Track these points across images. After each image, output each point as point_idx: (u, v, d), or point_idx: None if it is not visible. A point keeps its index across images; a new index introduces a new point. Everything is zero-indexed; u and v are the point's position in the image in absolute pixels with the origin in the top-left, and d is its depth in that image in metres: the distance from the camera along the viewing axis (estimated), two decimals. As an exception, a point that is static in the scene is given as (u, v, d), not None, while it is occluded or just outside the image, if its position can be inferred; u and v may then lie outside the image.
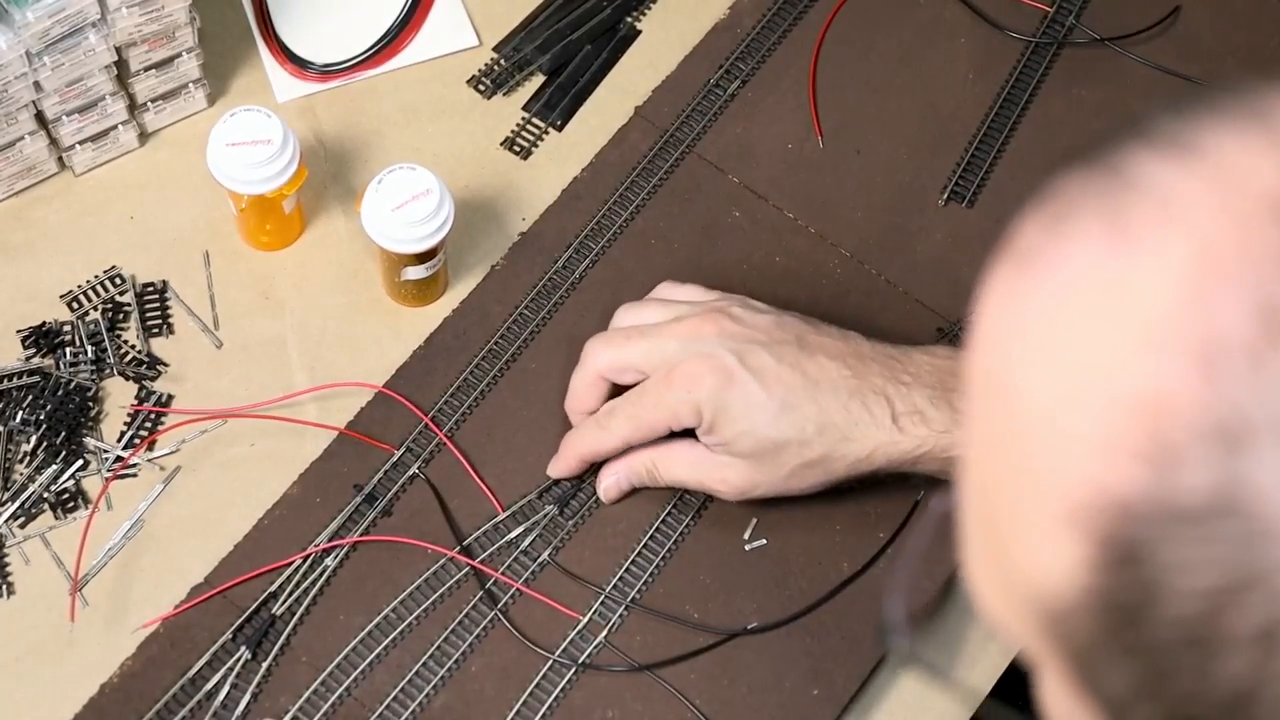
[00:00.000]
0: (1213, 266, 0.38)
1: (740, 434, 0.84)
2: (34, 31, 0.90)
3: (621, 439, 0.88)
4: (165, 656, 0.86)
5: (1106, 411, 0.39)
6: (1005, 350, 0.42)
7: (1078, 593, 0.40)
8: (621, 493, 0.90)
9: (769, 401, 0.84)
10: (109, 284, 0.97)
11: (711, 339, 0.85)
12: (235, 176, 0.92)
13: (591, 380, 0.89)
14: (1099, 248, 0.40)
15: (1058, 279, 0.41)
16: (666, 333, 0.87)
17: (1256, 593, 0.36)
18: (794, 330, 0.87)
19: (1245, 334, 0.37)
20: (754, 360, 0.84)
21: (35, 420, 0.92)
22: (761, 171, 1.03)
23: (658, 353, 0.86)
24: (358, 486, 0.91)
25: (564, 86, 1.06)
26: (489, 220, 1.01)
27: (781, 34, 1.08)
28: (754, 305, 0.89)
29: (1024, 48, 1.08)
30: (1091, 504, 0.39)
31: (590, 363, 0.89)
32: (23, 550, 0.90)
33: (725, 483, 0.87)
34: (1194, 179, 0.40)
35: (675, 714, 0.87)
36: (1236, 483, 0.37)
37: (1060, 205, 0.42)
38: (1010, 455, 0.42)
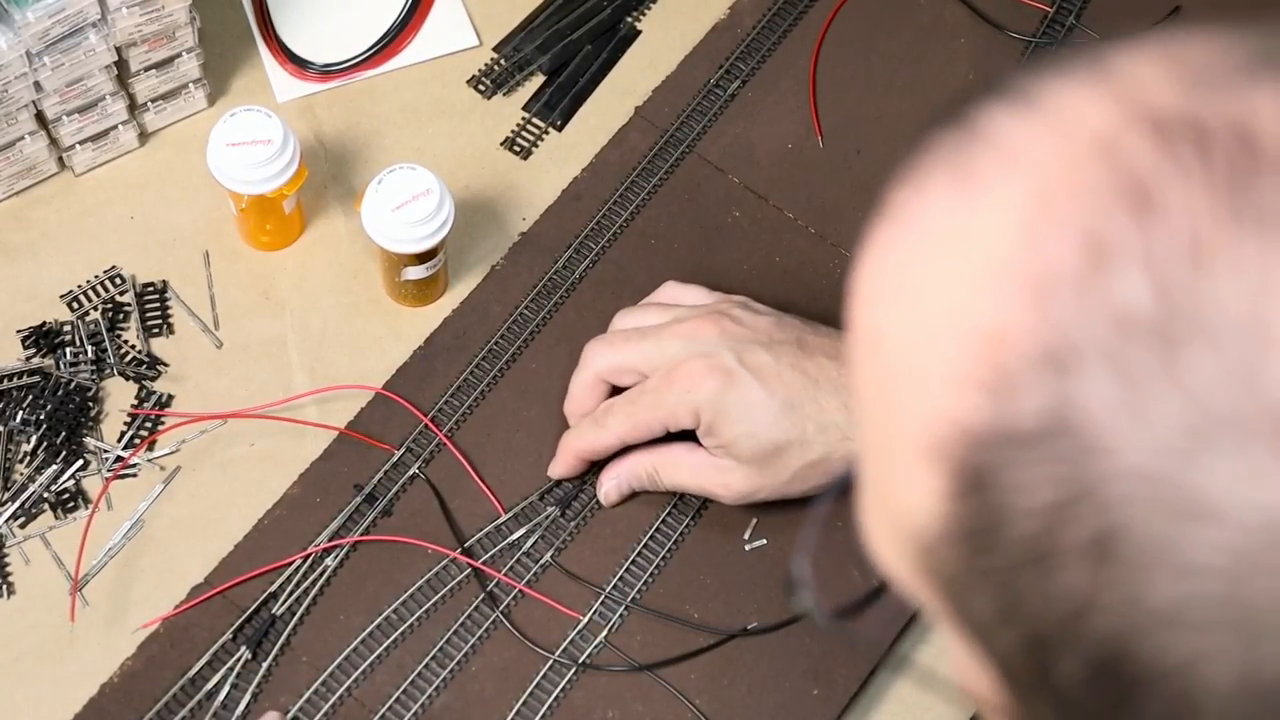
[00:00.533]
0: (1045, 206, 0.40)
1: (740, 435, 0.84)
2: (34, 31, 0.90)
3: (618, 437, 0.88)
4: (165, 656, 0.86)
5: (953, 348, 0.41)
6: (873, 302, 0.45)
7: (939, 523, 0.42)
8: (622, 496, 0.90)
9: (769, 401, 0.84)
10: (109, 284, 0.97)
11: (712, 339, 0.85)
12: (235, 176, 0.92)
13: (590, 382, 0.89)
14: (947, 196, 0.42)
15: (914, 230, 0.43)
16: (666, 334, 0.87)
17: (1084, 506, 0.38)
18: (794, 331, 0.87)
19: (1072, 265, 0.39)
20: (754, 360, 0.84)
21: (35, 420, 0.92)
22: (761, 171, 1.03)
23: (657, 354, 0.86)
24: (358, 486, 0.91)
25: (564, 86, 1.06)
26: (489, 220, 1.01)
27: (781, 34, 1.08)
28: (754, 307, 0.89)
29: (1024, 48, 1.08)
30: (943, 436, 0.41)
31: (589, 365, 0.89)
32: (23, 550, 0.90)
33: (727, 487, 0.87)
34: (1032, 126, 0.42)
35: (675, 714, 0.87)
36: (1066, 404, 0.39)
37: (923, 161, 0.45)
38: (882, 400, 0.44)
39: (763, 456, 0.85)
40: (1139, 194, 0.39)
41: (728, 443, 0.85)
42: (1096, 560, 0.38)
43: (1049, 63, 0.44)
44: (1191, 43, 0.43)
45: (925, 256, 0.43)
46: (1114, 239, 0.39)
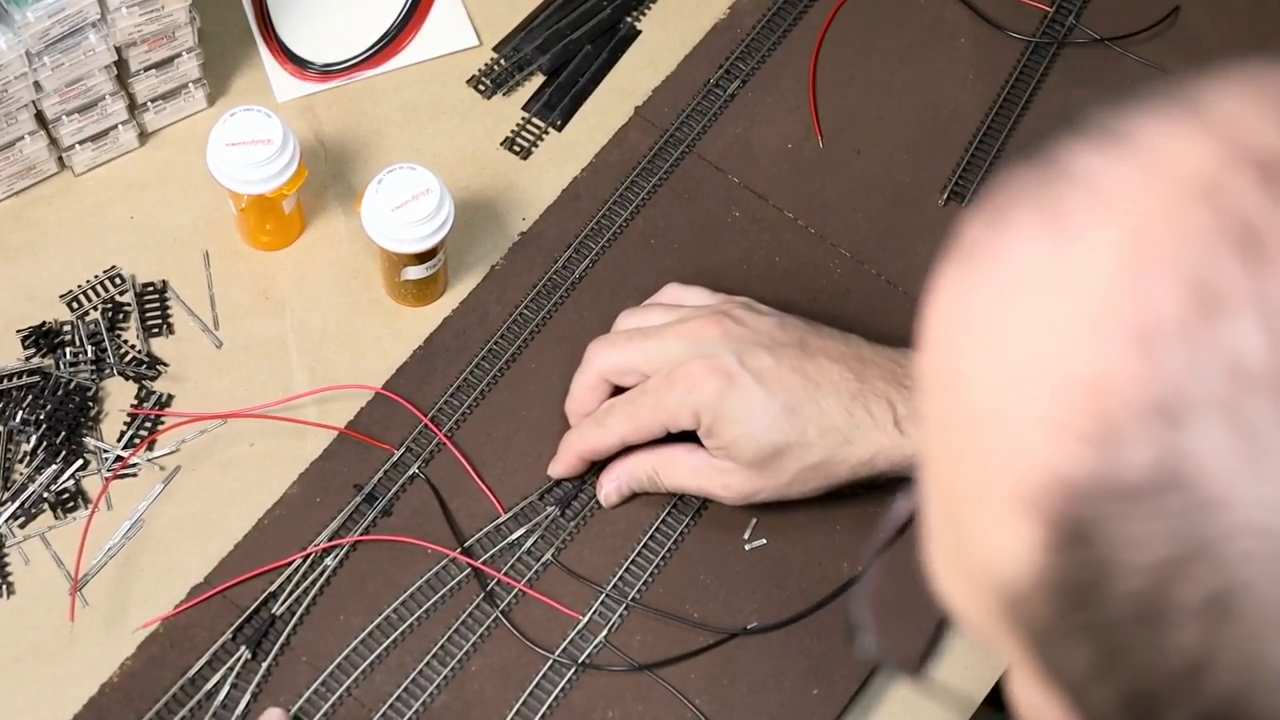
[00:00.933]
0: (1145, 249, 0.39)
1: (740, 437, 0.84)
2: (34, 31, 0.90)
3: (619, 437, 0.87)
4: (165, 656, 0.86)
5: (1050, 395, 0.40)
6: (953, 344, 0.43)
7: (1032, 575, 0.41)
8: (622, 497, 0.90)
9: (770, 403, 0.83)
10: (109, 284, 0.97)
11: (714, 340, 0.85)
12: (235, 176, 0.92)
13: (593, 382, 0.89)
14: (1036, 238, 0.41)
15: (999, 271, 0.42)
16: (668, 334, 0.87)
17: (1201, 563, 0.37)
18: (796, 333, 0.87)
19: (1179, 312, 0.38)
20: (755, 362, 0.84)
21: (35, 420, 0.92)
22: (761, 171, 1.03)
23: (659, 354, 0.86)
24: (358, 486, 0.91)
25: (564, 86, 1.06)
26: (489, 220, 1.01)
27: (781, 34, 1.08)
28: (757, 308, 0.88)
29: (1024, 48, 1.08)
30: (1040, 486, 0.40)
31: (592, 364, 0.89)
32: (23, 550, 0.90)
33: (727, 488, 0.86)
34: (1124, 166, 0.41)
35: (675, 714, 0.87)
36: (1177, 456, 0.37)
37: (1000, 200, 0.43)
38: (963, 445, 0.43)
39: (763, 458, 0.84)
40: (1248, 238, 0.38)
41: (728, 444, 0.85)
42: (1214, 618, 0.37)
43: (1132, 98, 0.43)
44: None
45: (1013, 299, 0.41)
46: (1223, 285, 0.38)
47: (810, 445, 0.84)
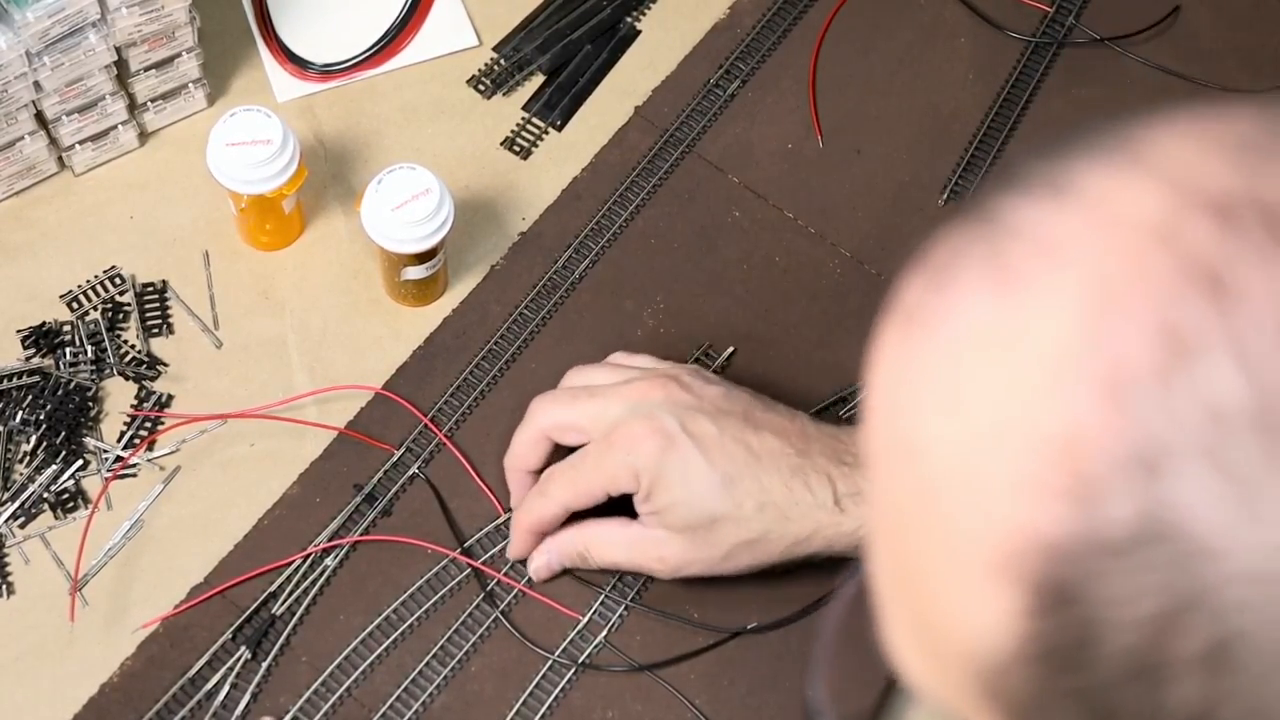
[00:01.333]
0: (1107, 299, 0.38)
1: (676, 503, 0.82)
2: (34, 31, 0.90)
3: (562, 505, 0.85)
4: (165, 656, 0.86)
5: (1021, 454, 0.38)
6: (903, 409, 0.42)
7: (1012, 643, 0.39)
8: (552, 573, 0.88)
9: (709, 471, 0.81)
10: (109, 284, 0.97)
11: (657, 403, 0.83)
12: (235, 176, 0.92)
13: (534, 438, 0.86)
14: (985, 295, 0.40)
15: (948, 331, 0.41)
16: (613, 395, 0.84)
17: (1197, 614, 0.36)
18: (742, 404, 0.84)
19: (1149, 359, 0.37)
20: (697, 428, 0.82)
21: (35, 420, 0.92)
22: (761, 171, 1.03)
23: (602, 414, 0.84)
24: (358, 486, 0.91)
25: (564, 86, 1.06)
26: (489, 220, 1.01)
27: (781, 34, 1.08)
28: (705, 375, 0.86)
29: (1024, 48, 1.08)
30: (1017, 549, 0.38)
31: (534, 419, 0.86)
32: (23, 550, 0.90)
33: (661, 560, 0.84)
34: (1071, 217, 0.40)
35: (675, 714, 0.87)
36: (1162, 506, 0.36)
37: (939, 259, 0.42)
38: (924, 515, 0.41)
39: (697, 527, 0.82)
40: (1211, 279, 0.37)
41: (663, 509, 0.82)
42: (1213, 670, 0.36)
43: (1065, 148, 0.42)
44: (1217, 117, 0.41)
45: (967, 359, 0.40)
46: (1192, 328, 0.37)
47: (747, 519, 0.81)
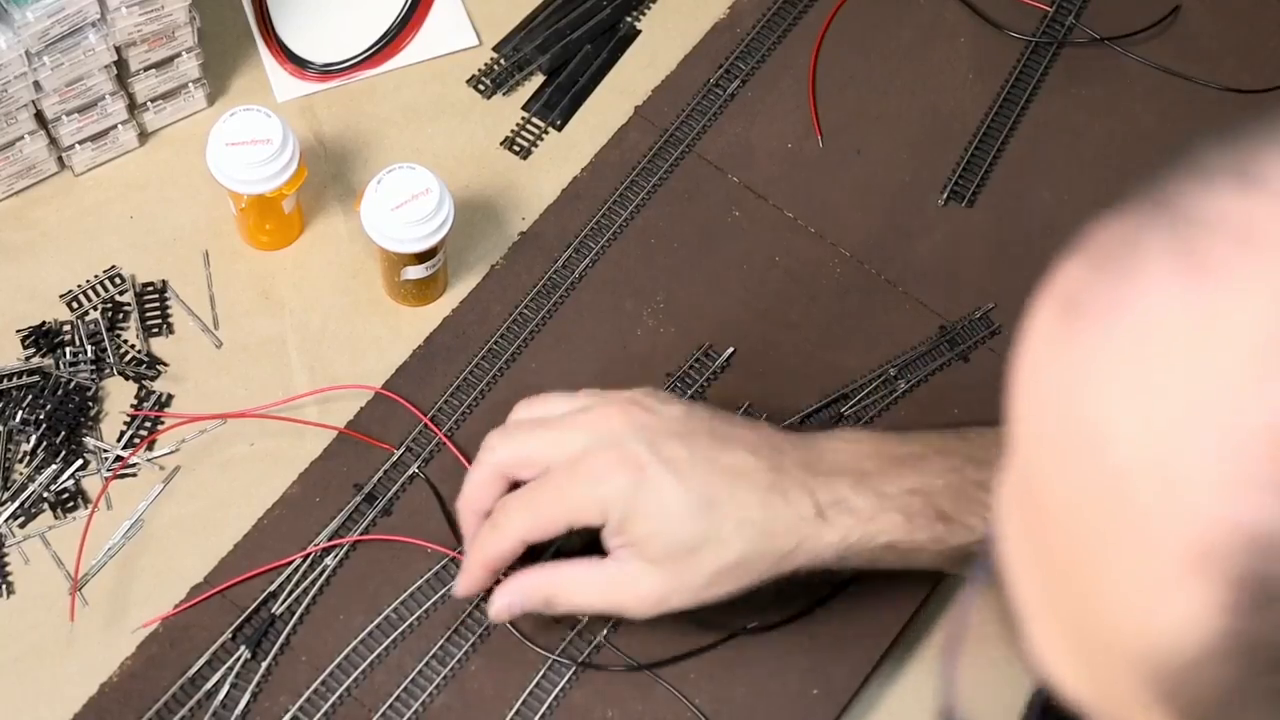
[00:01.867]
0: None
1: (653, 534, 0.78)
2: (34, 31, 0.90)
3: (518, 538, 0.80)
4: (165, 656, 0.86)
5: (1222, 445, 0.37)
6: (1080, 401, 0.41)
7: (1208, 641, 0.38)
8: (513, 615, 0.83)
9: (685, 498, 0.77)
10: (109, 284, 0.97)
11: (622, 429, 0.78)
12: (235, 176, 0.92)
13: (488, 477, 0.81)
14: (1175, 286, 0.39)
15: (1136, 322, 0.40)
16: (571, 424, 0.80)
17: None
18: (705, 421, 0.80)
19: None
20: (668, 452, 0.78)
21: (35, 420, 0.92)
22: (761, 171, 1.03)
23: (561, 445, 0.79)
24: (357, 486, 0.91)
25: (564, 86, 1.06)
26: (489, 220, 1.01)
27: (781, 34, 1.08)
28: (663, 395, 0.82)
29: (1024, 48, 1.08)
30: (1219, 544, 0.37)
31: (488, 457, 0.82)
32: (23, 550, 0.90)
33: (638, 597, 0.79)
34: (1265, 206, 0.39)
35: (675, 714, 0.86)
36: None
37: (1109, 248, 0.42)
38: (1106, 508, 0.40)
39: (676, 556, 0.78)
40: None
41: (639, 541, 0.78)
42: None
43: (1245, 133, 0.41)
44: None
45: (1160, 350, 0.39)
46: None
47: (727, 541, 0.77)
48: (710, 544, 0.78)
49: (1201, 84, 1.07)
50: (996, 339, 0.98)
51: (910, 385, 0.96)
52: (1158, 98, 1.07)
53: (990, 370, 0.97)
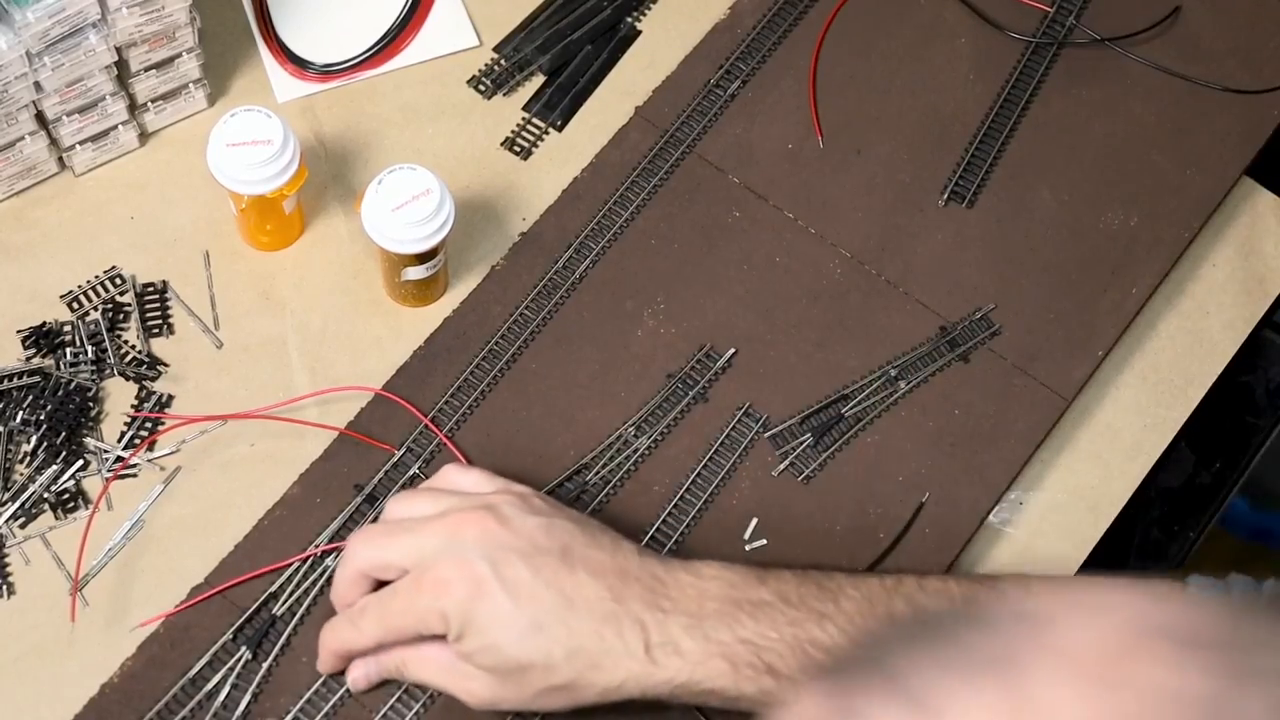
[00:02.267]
0: None
1: (485, 648, 0.80)
2: (34, 31, 0.90)
3: (372, 639, 0.83)
4: (165, 656, 0.86)
5: None
6: None
7: None
8: (371, 684, 0.86)
9: (518, 618, 0.79)
10: (109, 284, 0.97)
11: (470, 542, 0.80)
12: (235, 177, 0.92)
13: (353, 578, 0.84)
14: None
15: None
16: (427, 530, 0.82)
17: None
18: (561, 539, 0.82)
19: None
20: (509, 571, 0.79)
21: (35, 420, 0.92)
22: (761, 171, 1.03)
23: (415, 551, 0.81)
24: (358, 486, 0.91)
25: (564, 86, 1.06)
26: (489, 220, 1.01)
27: (781, 34, 1.08)
28: (529, 504, 0.83)
29: (1024, 48, 1.08)
30: None
31: (351, 559, 0.84)
32: (23, 550, 0.90)
33: (470, 693, 0.82)
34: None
35: (675, 714, 0.86)
36: None
37: None
38: None
39: (506, 672, 0.80)
40: None
41: (471, 653, 0.80)
42: None
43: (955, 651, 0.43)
44: None
45: None
46: None
47: (555, 667, 0.79)
48: (538, 667, 0.79)
49: (1201, 84, 1.07)
50: (996, 339, 0.98)
51: (910, 385, 0.96)
52: (1158, 98, 1.07)
53: (990, 370, 0.97)
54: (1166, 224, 1.02)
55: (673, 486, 0.92)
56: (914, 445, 0.95)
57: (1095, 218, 1.02)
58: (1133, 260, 1.01)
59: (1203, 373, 1.00)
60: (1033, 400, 0.96)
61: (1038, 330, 0.99)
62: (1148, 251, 1.01)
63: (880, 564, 0.91)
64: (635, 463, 0.93)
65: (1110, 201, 1.03)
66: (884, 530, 0.92)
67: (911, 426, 0.95)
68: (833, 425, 0.94)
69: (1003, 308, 0.99)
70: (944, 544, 0.92)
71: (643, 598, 0.80)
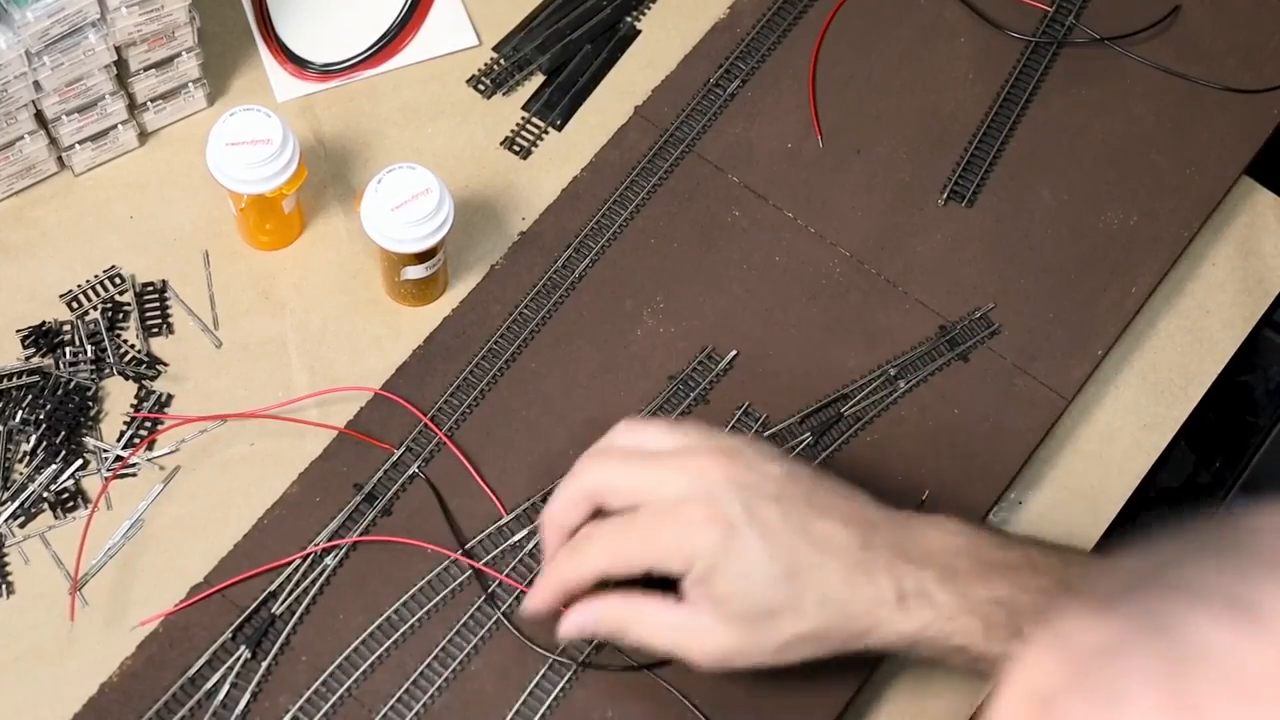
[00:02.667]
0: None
1: (733, 594, 0.77)
2: (34, 31, 0.90)
3: (598, 570, 0.79)
4: (165, 656, 0.86)
5: None
6: None
7: None
8: (583, 636, 0.82)
9: (771, 565, 0.76)
10: (109, 284, 0.97)
11: (719, 483, 0.77)
12: (235, 176, 0.92)
13: (577, 497, 0.80)
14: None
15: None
16: (671, 464, 0.78)
17: None
18: (805, 485, 0.79)
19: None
20: (762, 514, 0.77)
21: (35, 420, 0.92)
22: (761, 171, 1.03)
23: (657, 485, 0.78)
24: (358, 486, 0.91)
25: (564, 86, 1.06)
26: (489, 220, 1.01)
27: (781, 34, 1.08)
28: (767, 450, 0.80)
29: (1024, 47, 1.08)
30: None
31: (582, 477, 0.80)
32: (23, 550, 0.90)
33: (704, 650, 0.78)
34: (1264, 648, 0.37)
35: (675, 714, 0.86)
36: None
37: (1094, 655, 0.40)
38: None
39: (752, 620, 0.77)
40: None
41: (718, 598, 0.77)
42: None
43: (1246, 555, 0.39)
44: None
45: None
46: None
47: (806, 613, 0.77)
48: (787, 613, 0.77)
49: (1201, 84, 1.07)
50: (996, 339, 0.98)
51: (910, 385, 0.96)
52: (1158, 98, 1.07)
53: (990, 370, 0.97)
54: (1166, 223, 1.02)
55: (672, 486, 0.92)
56: (914, 445, 0.95)
57: (1095, 217, 1.02)
58: (1132, 260, 1.01)
59: (1202, 372, 1.00)
60: (1032, 400, 0.96)
61: (1037, 330, 0.99)
62: (1147, 251, 1.01)
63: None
64: (635, 462, 0.93)
65: (1110, 201, 1.03)
66: (884, 530, 0.92)
67: (911, 426, 0.95)
68: (832, 425, 0.94)
69: (1002, 307, 0.99)
70: (944, 543, 0.92)
71: (890, 545, 0.78)
